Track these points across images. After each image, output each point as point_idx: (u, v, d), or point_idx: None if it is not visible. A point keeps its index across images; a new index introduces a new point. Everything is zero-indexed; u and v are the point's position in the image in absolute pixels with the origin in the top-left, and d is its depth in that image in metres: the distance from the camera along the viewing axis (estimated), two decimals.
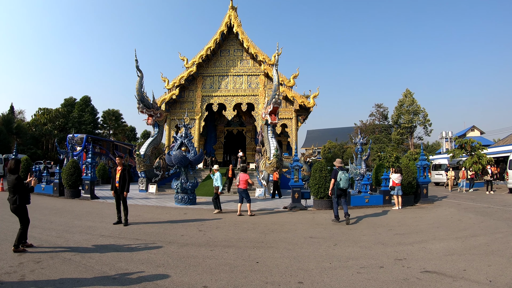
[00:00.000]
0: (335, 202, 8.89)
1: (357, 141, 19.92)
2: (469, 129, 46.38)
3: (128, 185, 8.23)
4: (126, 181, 8.14)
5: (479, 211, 10.77)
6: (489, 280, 4.11)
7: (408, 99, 43.10)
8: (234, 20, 23.65)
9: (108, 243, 6.02)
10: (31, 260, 4.80)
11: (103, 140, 29.86)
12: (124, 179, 8.13)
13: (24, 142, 39.92)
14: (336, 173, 8.79)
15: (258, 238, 6.64)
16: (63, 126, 47.76)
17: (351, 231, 7.47)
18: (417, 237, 6.80)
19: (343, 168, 9.02)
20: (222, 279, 4.14)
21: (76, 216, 9.17)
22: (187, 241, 6.33)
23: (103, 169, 23.02)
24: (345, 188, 8.81)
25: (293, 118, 23.97)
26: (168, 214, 9.91)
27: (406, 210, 11.22)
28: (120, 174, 8.15)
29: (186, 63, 23.89)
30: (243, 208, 10.27)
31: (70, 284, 3.90)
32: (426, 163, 13.30)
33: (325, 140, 63.26)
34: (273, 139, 16.87)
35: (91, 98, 53.18)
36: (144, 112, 17.93)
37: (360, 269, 4.62)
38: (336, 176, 8.77)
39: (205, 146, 29.92)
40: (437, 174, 25.50)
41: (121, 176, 8.11)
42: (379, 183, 15.05)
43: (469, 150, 23.01)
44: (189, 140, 13.31)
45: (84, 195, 13.92)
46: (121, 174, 8.14)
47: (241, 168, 10.75)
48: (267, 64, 22.97)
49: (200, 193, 15.45)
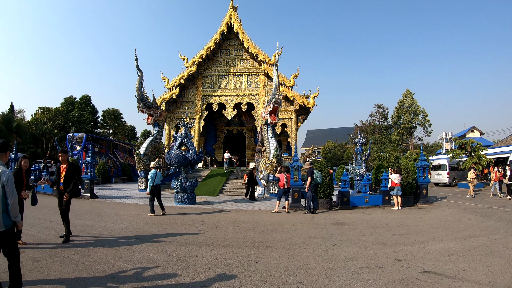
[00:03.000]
0: (310, 197, 10.34)
1: (357, 141, 19.92)
2: (469, 130, 46.37)
3: (75, 186, 6.20)
4: (73, 181, 6.14)
5: (479, 211, 10.77)
6: (488, 281, 4.11)
7: (408, 99, 43.12)
8: (234, 19, 23.64)
9: (108, 242, 6.02)
10: (30, 259, 4.79)
11: (103, 139, 29.82)
12: (69, 179, 6.15)
13: (24, 141, 39.88)
14: (312, 172, 10.42)
15: (257, 238, 6.64)
16: (63, 125, 47.74)
17: (351, 231, 7.47)
18: (416, 238, 6.80)
19: (314, 168, 10.97)
20: (221, 279, 4.14)
21: (76, 215, 9.15)
22: (186, 240, 6.32)
23: (102, 168, 23.02)
24: (321, 183, 10.97)
25: (293, 118, 23.97)
26: (167, 214, 9.91)
27: (406, 211, 11.22)
28: (65, 173, 6.17)
29: (186, 63, 23.88)
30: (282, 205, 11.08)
31: (69, 283, 3.90)
32: (425, 163, 13.30)
33: (325, 140, 63.25)
34: (273, 139, 16.87)
35: (91, 97, 53.12)
36: (144, 112, 17.92)
37: (359, 269, 4.62)
38: (313, 174, 10.46)
39: (205, 145, 29.91)
40: (436, 175, 25.51)
41: (66, 176, 6.16)
42: (379, 184, 15.05)
43: (469, 150, 23.04)
44: (189, 140, 13.31)
45: (83, 194, 13.91)
46: (67, 173, 6.18)
47: (284, 169, 11.33)
48: (267, 64, 22.96)
49: (199, 192, 15.45)
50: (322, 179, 11.06)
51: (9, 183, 3.32)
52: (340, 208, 11.53)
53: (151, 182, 9.61)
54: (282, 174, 10.94)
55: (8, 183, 3.31)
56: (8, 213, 3.30)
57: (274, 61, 19.98)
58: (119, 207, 11.08)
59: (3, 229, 3.23)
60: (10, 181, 3.34)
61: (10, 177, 3.35)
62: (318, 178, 10.83)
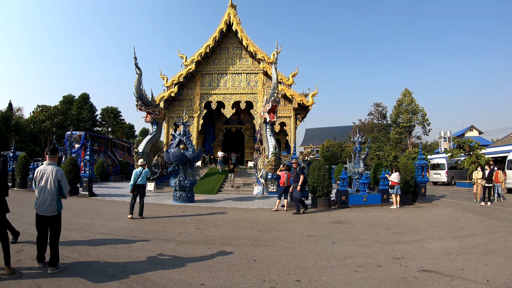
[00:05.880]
0: (299, 197, 9.96)
1: (356, 140, 19.89)
2: (467, 129, 46.47)
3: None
4: None
5: (477, 210, 10.80)
6: (487, 280, 4.12)
7: (407, 98, 43.08)
8: (233, 18, 23.59)
9: (106, 241, 6.00)
10: (29, 257, 4.78)
11: (102, 138, 29.75)
12: None
13: (23, 139, 39.71)
14: (303, 171, 10.21)
15: (256, 236, 6.64)
16: (62, 123, 47.56)
17: (349, 230, 7.48)
18: (415, 236, 6.81)
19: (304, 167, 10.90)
20: (219, 277, 4.14)
21: (74, 213, 9.13)
22: (185, 238, 6.32)
23: (101, 167, 22.98)
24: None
25: (292, 116, 23.97)
26: (166, 212, 9.90)
27: (404, 209, 11.24)
28: None
29: (185, 61, 23.82)
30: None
31: (68, 281, 3.89)
32: (424, 162, 13.32)
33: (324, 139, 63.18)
34: (271, 138, 16.86)
35: (89, 95, 52.93)
36: (142, 110, 17.86)
37: (357, 267, 4.62)
38: (304, 173, 10.13)
39: (204, 144, 29.89)
40: (435, 174, 25.59)
41: None
42: (377, 182, 15.07)
43: (468, 150, 23.08)
44: (188, 138, 13.29)
45: (82, 192, 13.88)
46: None
47: (285, 168, 11.22)
48: (266, 62, 22.93)
49: (198, 191, 15.43)
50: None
51: (63, 178, 4.53)
52: (339, 206, 11.54)
53: (133, 180, 8.80)
54: (283, 172, 10.88)
55: (63, 178, 4.52)
56: (60, 201, 4.52)
57: (273, 60, 19.94)
58: (117, 206, 11.05)
59: (56, 213, 4.43)
60: (63, 176, 4.54)
61: (63, 174, 4.56)
62: (307, 177, 11.15)
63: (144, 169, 9.13)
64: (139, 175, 8.93)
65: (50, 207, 4.34)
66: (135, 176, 8.87)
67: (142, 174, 8.97)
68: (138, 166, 9.34)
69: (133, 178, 8.87)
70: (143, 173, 9.00)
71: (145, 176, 9.04)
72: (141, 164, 9.33)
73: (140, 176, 8.93)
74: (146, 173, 9.09)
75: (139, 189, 8.83)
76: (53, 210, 4.37)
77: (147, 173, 9.16)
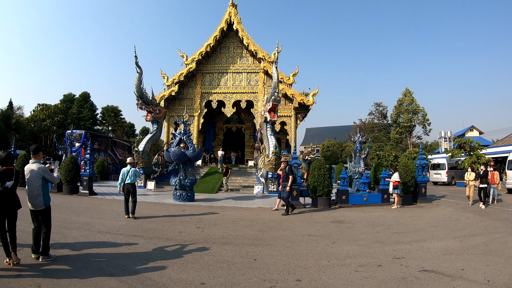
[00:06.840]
0: (288, 197, 9.75)
1: (356, 139, 19.86)
2: (468, 129, 46.43)
3: None
4: None
5: (477, 210, 10.79)
6: (487, 280, 4.11)
7: (407, 98, 43.05)
8: (234, 17, 23.56)
9: (106, 239, 6.00)
10: (28, 256, 4.77)
11: (102, 136, 29.77)
12: None
13: (23, 138, 39.72)
14: (292, 170, 9.92)
15: (256, 236, 6.63)
16: (62, 122, 47.59)
17: (349, 230, 7.47)
18: (415, 236, 6.80)
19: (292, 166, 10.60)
20: (219, 276, 4.13)
21: (74, 212, 9.14)
22: (184, 237, 6.31)
23: (101, 165, 22.99)
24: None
25: (292, 115, 23.95)
26: (166, 211, 9.89)
27: (405, 209, 11.22)
28: None
29: (186, 60, 23.80)
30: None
31: (67, 280, 3.88)
32: (425, 162, 13.30)
33: (324, 138, 63.13)
34: (272, 137, 16.85)
35: (90, 94, 52.90)
36: (143, 109, 17.88)
37: (358, 267, 4.61)
38: (294, 173, 9.88)
39: (204, 143, 29.88)
40: (435, 174, 25.58)
41: None
42: (378, 182, 15.05)
43: (468, 150, 23.05)
44: (188, 137, 13.28)
45: (82, 191, 13.89)
46: None
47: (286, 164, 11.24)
48: (267, 62, 22.91)
49: (198, 190, 15.43)
50: None
51: (46, 172, 4.78)
52: (339, 206, 11.53)
53: (121, 179, 8.63)
54: (283, 172, 10.87)
55: (46, 172, 4.78)
56: (47, 196, 4.79)
57: (273, 59, 19.93)
58: (117, 204, 11.04)
59: (44, 206, 4.71)
60: (46, 171, 4.79)
61: (46, 169, 4.83)
62: (297, 177, 10.96)
63: (132, 167, 8.81)
64: (127, 174, 8.65)
65: (37, 201, 4.66)
66: (122, 175, 8.66)
67: (130, 173, 8.66)
68: (128, 164, 9.04)
69: (121, 177, 8.67)
70: (131, 172, 8.67)
71: (133, 175, 8.70)
72: (130, 162, 9.05)
73: (128, 175, 8.64)
74: (135, 171, 8.76)
75: (128, 189, 8.56)
76: (41, 204, 4.68)
77: (136, 172, 8.81)
